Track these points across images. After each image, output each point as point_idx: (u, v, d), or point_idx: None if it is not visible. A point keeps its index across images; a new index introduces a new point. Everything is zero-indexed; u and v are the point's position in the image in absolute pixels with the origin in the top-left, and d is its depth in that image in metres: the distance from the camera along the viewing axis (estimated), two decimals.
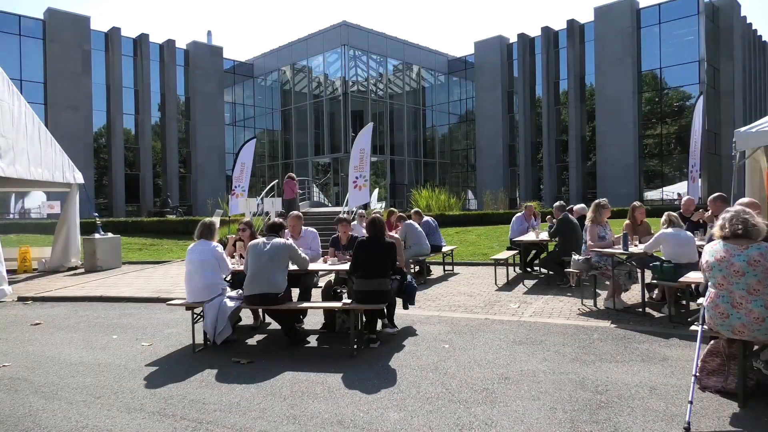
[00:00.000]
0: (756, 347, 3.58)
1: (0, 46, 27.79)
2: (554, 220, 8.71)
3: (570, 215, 8.25)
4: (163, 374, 4.42)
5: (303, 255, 5.39)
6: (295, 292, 5.76)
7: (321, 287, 6.42)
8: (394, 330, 5.52)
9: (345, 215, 8.30)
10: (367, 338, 5.14)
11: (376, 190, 32.18)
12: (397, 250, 5.39)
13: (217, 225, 5.92)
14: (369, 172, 14.17)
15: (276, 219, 5.56)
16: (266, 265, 5.01)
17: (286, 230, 5.95)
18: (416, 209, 10.49)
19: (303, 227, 6.64)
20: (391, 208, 10.87)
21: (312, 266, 5.90)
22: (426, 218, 9.90)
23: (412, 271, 9.21)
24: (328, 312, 5.74)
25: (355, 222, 10.07)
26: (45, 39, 29.38)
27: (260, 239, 5.32)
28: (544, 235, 9.03)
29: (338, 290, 6.10)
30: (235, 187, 14.53)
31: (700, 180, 9.09)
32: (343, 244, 6.50)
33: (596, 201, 6.84)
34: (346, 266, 5.55)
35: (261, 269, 5.01)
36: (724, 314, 3.40)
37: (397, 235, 7.06)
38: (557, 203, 9.30)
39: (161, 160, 34.86)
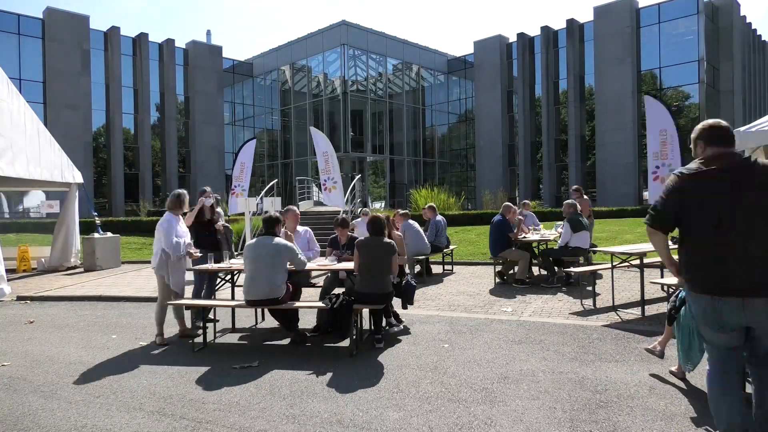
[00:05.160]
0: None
1: None
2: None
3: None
4: (162, 374, 4.41)
5: (302, 258, 5.29)
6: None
7: (320, 286, 6.41)
8: (399, 327, 5.57)
9: (344, 215, 8.25)
10: (373, 338, 5.13)
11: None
12: (399, 249, 5.36)
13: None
14: (339, 174, 14.31)
15: (272, 213, 5.42)
16: (267, 268, 4.96)
17: (284, 227, 5.89)
18: (431, 204, 10.43)
19: (300, 226, 6.59)
20: (397, 210, 10.82)
21: (311, 265, 5.88)
22: (438, 217, 9.87)
23: (415, 270, 9.18)
24: (320, 314, 5.69)
25: (359, 219, 10.04)
26: (44, 38, 29.35)
27: (257, 239, 5.20)
28: (546, 233, 9.00)
29: (332, 296, 6.04)
30: (235, 186, 14.58)
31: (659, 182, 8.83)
32: (343, 244, 6.48)
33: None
34: (345, 265, 5.53)
35: (261, 272, 4.96)
36: None
37: (400, 233, 7.02)
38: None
39: (160, 159, 34.84)
